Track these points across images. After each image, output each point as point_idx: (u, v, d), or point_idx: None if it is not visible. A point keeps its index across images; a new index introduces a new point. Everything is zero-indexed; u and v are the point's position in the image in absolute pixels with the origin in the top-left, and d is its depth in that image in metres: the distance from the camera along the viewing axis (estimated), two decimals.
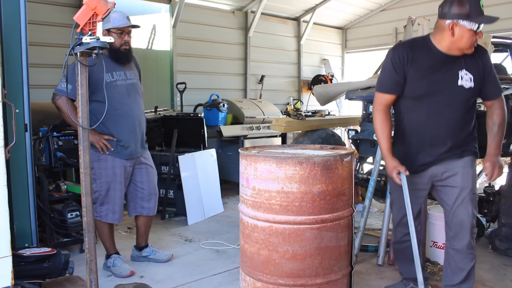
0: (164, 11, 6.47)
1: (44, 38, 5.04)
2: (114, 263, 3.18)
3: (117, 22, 3.00)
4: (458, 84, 2.28)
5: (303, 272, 2.12)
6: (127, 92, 3.09)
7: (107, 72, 2.99)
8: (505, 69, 4.53)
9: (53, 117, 4.01)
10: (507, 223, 3.42)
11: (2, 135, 2.08)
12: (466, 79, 2.27)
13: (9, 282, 2.10)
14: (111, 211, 3.12)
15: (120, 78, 3.07)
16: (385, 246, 3.33)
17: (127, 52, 3.10)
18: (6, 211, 2.09)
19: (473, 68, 2.29)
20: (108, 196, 3.10)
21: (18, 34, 2.86)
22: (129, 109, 3.08)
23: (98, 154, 3.03)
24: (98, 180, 3.06)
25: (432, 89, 2.30)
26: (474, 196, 2.38)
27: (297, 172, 2.07)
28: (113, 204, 3.12)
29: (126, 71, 3.13)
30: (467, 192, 2.34)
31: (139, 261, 3.39)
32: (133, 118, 3.11)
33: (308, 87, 8.42)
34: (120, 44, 3.04)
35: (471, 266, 2.38)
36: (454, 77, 2.28)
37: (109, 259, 3.22)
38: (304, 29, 8.32)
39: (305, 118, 4.78)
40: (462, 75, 2.27)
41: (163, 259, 3.39)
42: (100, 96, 2.85)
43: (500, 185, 3.71)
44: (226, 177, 5.66)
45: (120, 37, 3.02)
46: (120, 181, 3.12)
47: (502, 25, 6.76)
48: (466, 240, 2.36)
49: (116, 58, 3.04)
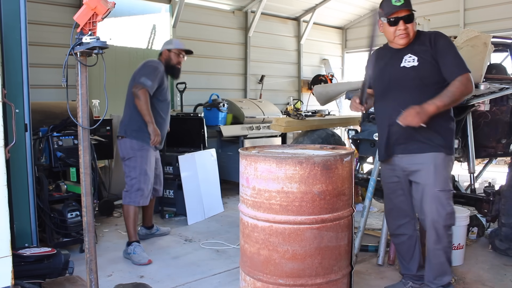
0: (164, 11, 6.47)
1: (44, 38, 5.03)
2: (134, 251, 3.41)
3: (178, 45, 3.75)
4: (400, 66, 2.48)
5: (303, 272, 2.12)
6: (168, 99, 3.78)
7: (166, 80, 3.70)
8: (505, 69, 4.53)
9: (53, 117, 4.02)
10: (507, 223, 3.42)
11: (2, 135, 2.08)
12: (409, 60, 2.45)
13: (9, 282, 2.10)
14: (145, 196, 3.57)
15: (167, 87, 3.73)
16: (385, 246, 3.33)
17: (179, 69, 3.81)
18: (6, 211, 2.09)
19: (420, 52, 2.44)
20: (145, 182, 3.55)
21: (18, 34, 2.87)
22: (168, 112, 3.78)
23: (142, 144, 3.52)
24: (139, 167, 3.53)
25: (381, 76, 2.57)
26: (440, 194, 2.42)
27: (297, 172, 2.07)
28: (146, 190, 3.58)
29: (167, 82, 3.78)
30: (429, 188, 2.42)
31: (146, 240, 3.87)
32: (167, 119, 3.80)
33: (308, 87, 8.42)
34: (177, 62, 3.74)
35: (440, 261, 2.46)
36: (398, 62, 2.49)
37: (130, 246, 3.46)
38: (304, 29, 8.31)
39: (305, 118, 4.78)
40: (406, 58, 2.48)
41: (166, 232, 4.08)
42: (162, 97, 3.63)
43: (500, 185, 3.71)
44: (226, 177, 5.66)
45: (178, 57, 3.73)
46: (152, 170, 3.66)
47: (502, 25, 6.78)
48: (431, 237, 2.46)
49: (171, 72, 3.77)
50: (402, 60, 2.48)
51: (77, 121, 2.11)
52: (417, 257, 2.72)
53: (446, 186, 2.44)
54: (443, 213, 2.42)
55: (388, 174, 2.67)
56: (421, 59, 2.43)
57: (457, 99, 2.36)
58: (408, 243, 2.70)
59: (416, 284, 2.73)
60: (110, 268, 3.24)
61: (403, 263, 2.77)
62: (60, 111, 4.17)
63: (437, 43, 2.42)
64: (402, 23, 2.43)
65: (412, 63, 2.45)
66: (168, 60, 3.70)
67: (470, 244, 3.67)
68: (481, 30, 3.93)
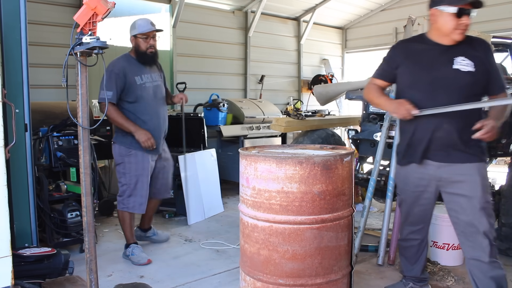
0: (164, 11, 6.47)
1: (44, 38, 5.03)
2: (132, 252, 3.37)
3: (141, 28, 3.28)
4: (453, 67, 2.26)
5: (303, 272, 2.12)
6: (154, 93, 3.39)
7: (137, 75, 3.30)
8: (505, 69, 4.53)
9: (53, 117, 4.02)
10: (507, 223, 3.42)
11: (2, 135, 2.09)
12: (463, 64, 2.26)
13: (9, 282, 2.10)
14: (138, 203, 3.38)
15: (148, 80, 3.36)
16: (385, 246, 3.33)
17: (153, 55, 3.38)
18: (6, 211, 2.09)
19: (473, 57, 2.27)
20: (136, 188, 3.36)
21: (18, 34, 2.87)
22: (155, 109, 3.39)
23: (129, 149, 3.32)
24: (128, 174, 3.35)
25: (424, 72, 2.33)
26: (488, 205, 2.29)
27: (297, 172, 2.07)
28: (140, 196, 3.38)
29: (152, 73, 3.42)
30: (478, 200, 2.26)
31: (141, 241, 3.64)
32: (158, 117, 3.42)
33: (308, 87, 8.42)
34: (146, 48, 3.31)
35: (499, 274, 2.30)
36: (449, 62, 2.28)
37: (128, 248, 3.42)
38: (304, 29, 8.31)
39: (305, 118, 4.78)
40: (458, 60, 2.27)
41: (163, 239, 3.82)
42: (132, 97, 3.28)
43: (500, 185, 3.71)
44: (226, 177, 5.65)
45: (146, 42, 3.30)
46: (147, 175, 3.41)
47: (502, 25, 6.78)
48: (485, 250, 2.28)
49: (143, 61, 3.33)
50: (453, 62, 2.27)
51: (77, 121, 2.12)
52: (423, 260, 2.67)
53: (490, 197, 2.33)
54: (492, 223, 2.30)
55: (414, 181, 2.47)
56: (477, 66, 2.26)
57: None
58: (417, 247, 2.63)
59: (416, 285, 2.71)
60: (110, 268, 3.24)
61: (407, 265, 2.70)
62: (60, 111, 4.17)
63: (489, 53, 2.31)
64: (467, 17, 2.21)
65: (468, 68, 2.25)
66: (137, 47, 3.33)
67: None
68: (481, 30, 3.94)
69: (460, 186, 2.31)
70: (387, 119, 3.56)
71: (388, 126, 3.56)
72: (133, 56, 3.38)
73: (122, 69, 3.25)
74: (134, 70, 3.31)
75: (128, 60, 3.35)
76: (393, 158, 3.46)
